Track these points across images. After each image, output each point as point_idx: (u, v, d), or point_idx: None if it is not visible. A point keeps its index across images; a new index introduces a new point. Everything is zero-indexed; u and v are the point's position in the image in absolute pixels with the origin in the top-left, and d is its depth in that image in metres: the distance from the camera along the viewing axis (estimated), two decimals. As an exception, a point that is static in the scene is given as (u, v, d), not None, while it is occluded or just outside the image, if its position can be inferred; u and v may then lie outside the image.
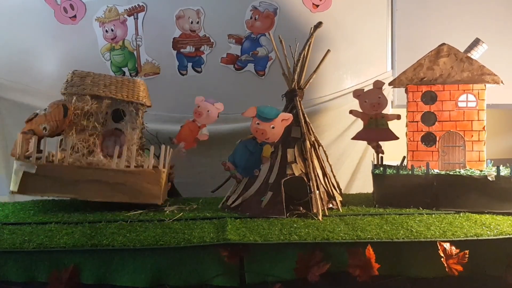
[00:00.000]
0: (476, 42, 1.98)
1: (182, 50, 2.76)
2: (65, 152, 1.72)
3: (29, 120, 1.80)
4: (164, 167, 1.79)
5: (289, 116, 1.71)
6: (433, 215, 1.67)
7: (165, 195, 1.91)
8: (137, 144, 1.86)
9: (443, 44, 1.87)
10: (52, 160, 1.72)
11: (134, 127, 1.86)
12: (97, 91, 1.82)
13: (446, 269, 1.35)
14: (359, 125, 2.05)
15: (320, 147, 1.91)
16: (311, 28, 1.97)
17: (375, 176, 1.84)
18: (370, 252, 1.35)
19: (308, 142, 1.80)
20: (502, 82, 1.79)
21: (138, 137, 1.88)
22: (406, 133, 1.91)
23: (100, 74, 1.91)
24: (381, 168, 1.86)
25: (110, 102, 1.83)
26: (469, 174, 1.75)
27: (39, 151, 1.75)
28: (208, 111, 1.95)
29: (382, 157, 2.03)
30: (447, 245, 1.37)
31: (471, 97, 1.83)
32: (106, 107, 1.83)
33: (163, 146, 1.81)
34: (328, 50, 1.96)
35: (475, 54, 1.96)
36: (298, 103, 1.88)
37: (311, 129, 1.90)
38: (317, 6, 2.77)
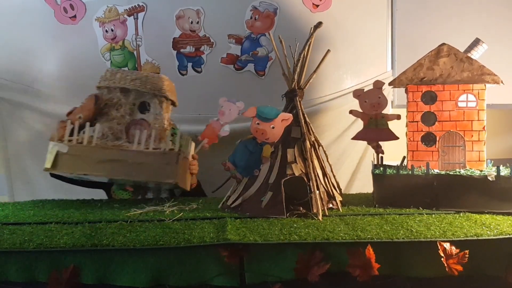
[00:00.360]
0: (476, 42, 1.98)
1: (182, 50, 2.76)
2: (96, 137, 1.91)
3: (69, 113, 1.98)
4: (178, 150, 1.90)
5: (289, 116, 1.70)
6: (433, 215, 1.67)
7: (185, 183, 1.97)
8: (158, 130, 2.00)
9: (443, 44, 1.86)
10: (81, 142, 1.88)
11: (157, 117, 2.02)
12: (124, 84, 1.99)
13: (446, 269, 1.35)
14: (359, 125, 2.05)
15: (320, 147, 1.91)
16: (311, 28, 1.97)
17: (375, 176, 1.84)
18: (370, 252, 1.35)
19: (308, 142, 1.80)
20: (502, 82, 1.79)
21: (161, 126, 2.02)
22: (406, 133, 1.91)
23: (129, 70, 2.17)
24: (381, 168, 1.86)
25: (137, 94, 2.01)
26: (469, 174, 1.75)
27: None
28: (229, 109, 2.02)
29: (382, 157, 2.03)
30: (447, 245, 1.37)
31: (471, 97, 1.83)
32: (133, 99, 2.01)
33: (179, 132, 1.96)
34: (328, 50, 1.95)
35: (475, 54, 1.96)
36: (298, 103, 1.88)
37: (311, 129, 1.90)
38: (317, 6, 2.77)
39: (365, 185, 2.51)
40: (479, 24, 2.74)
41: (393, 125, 1.98)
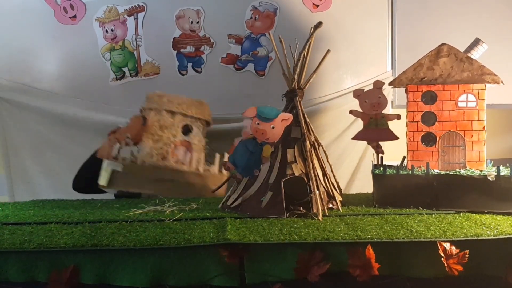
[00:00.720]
0: (476, 42, 1.98)
1: (182, 50, 2.76)
2: (144, 156, 2.02)
3: (112, 132, 2.11)
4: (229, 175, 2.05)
5: (289, 116, 1.70)
6: (433, 215, 1.67)
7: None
8: (201, 152, 2.16)
9: (443, 44, 1.86)
10: (135, 161, 2.01)
11: (200, 139, 2.18)
12: (171, 107, 2.15)
13: (446, 269, 1.35)
14: (359, 125, 2.05)
15: (320, 147, 1.91)
16: (311, 28, 1.97)
17: (375, 176, 1.84)
18: (370, 252, 1.35)
19: (308, 142, 1.79)
20: (502, 82, 1.79)
21: (202, 147, 2.19)
22: (406, 133, 1.91)
23: (174, 94, 2.24)
24: (381, 168, 1.86)
25: (182, 117, 2.16)
26: (469, 174, 1.75)
27: None
28: None
29: (382, 157, 2.03)
30: (447, 245, 1.37)
31: (471, 97, 1.83)
32: (178, 121, 2.16)
33: (217, 155, 2.12)
34: (328, 50, 1.95)
35: (475, 54, 1.95)
36: (298, 103, 1.88)
37: (311, 129, 1.89)
38: (317, 6, 2.77)
39: (365, 185, 2.50)
40: (479, 24, 2.74)
41: (393, 125, 1.98)
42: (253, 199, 1.73)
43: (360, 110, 2.00)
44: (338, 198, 1.86)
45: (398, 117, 1.95)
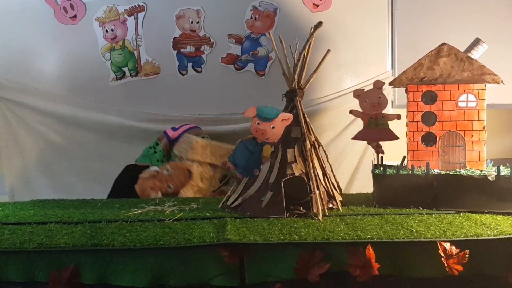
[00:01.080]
0: (476, 42, 1.98)
1: (182, 50, 2.76)
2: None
3: (152, 176, 2.09)
4: None
5: (289, 116, 1.70)
6: (433, 215, 1.67)
7: None
8: None
9: (443, 44, 1.86)
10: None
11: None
12: (215, 160, 2.18)
13: (446, 269, 1.35)
14: (359, 124, 2.05)
15: (320, 147, 1.91)
16: (311, 28, 1.97)
17: (375, 176, 1.84)
18: (370, 252, 1.35)
19: (308, 142, 1.79)
20: (502, 82, 1.79)
21: None
22: (406, 133, 1.91)
23: (216, 144, 2.27)
24: (381, 168, 1.86)
25: (222, 170, 2.18)
26: (469, 174, 1.75)
27: None
28: None
29: (382, 157, 2.03)
30: (447, 245, 1.37)
31: (471, 97, 1.83)
32: (218, 172, 2.19)
33: None
34: (328, 50, 1.95)
35: (475, 54, 1.96)
36: (298, 103, 1.87)
37: (311, 129, 1.89)
38: (317, 6, 2.77)
39: (365, 185, 2.51)
40: (479, 24, 2.74)
41: (393, 125, 1.98)
42: (253, 199, 1.73)
43: (360, 110, 2.00)
44: (338, 198, 1.86)
45: (398, 117, 1.95)
